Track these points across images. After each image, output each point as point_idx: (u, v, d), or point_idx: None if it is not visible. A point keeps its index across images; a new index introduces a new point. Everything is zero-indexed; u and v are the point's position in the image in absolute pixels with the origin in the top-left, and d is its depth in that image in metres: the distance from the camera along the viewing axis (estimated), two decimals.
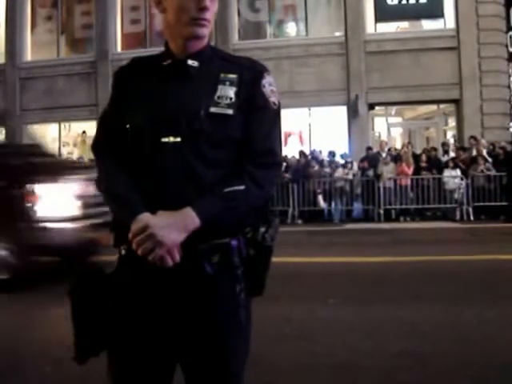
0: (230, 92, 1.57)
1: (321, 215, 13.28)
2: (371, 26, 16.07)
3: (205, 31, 1.59)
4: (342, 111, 15.86)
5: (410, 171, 13.00)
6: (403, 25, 16.67)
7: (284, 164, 12.46)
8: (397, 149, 14.50)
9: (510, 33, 16.27)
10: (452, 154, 13.74)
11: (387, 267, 6.71)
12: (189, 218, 1.46)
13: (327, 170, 13.55)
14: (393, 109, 17.34)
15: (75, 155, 16.57)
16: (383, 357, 3.64)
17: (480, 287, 5.43)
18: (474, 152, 13.28)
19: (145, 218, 1.46)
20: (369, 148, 14.25)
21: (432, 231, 11.04)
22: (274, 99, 1.63)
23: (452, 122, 16.62)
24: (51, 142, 16.35)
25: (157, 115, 1.54)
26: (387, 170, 13.07)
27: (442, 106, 16.89)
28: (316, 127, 16.15)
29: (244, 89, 1.58)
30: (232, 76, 1.59)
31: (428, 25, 16.24)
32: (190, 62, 1.59)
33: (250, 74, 1.61)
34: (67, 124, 17.78)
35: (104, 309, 1.54)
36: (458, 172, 12.81)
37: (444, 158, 13.59)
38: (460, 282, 5.67)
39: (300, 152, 14.40)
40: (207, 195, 1.50)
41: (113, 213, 1.59)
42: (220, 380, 1.57)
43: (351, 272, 6.43)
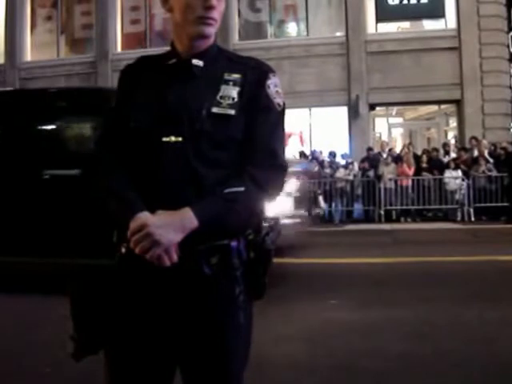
0: (233, 92, 1.55)
1: (321, 216, 13.28)
2: (372, 26, 16.08)
3: (211, 30, 1.57)
4: (343, 112, 15.86)
5: (411, 172, 13.00)
6: (404, 25, 16.68)
7: None
8: (396, 152, 14.46)
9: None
10: (453, 155, 13.74)
11: (388, 268, 6.71)
12: (187, 219, 1.44)
13: (328, 171, 13.55)
14: (394, 109, 17.35)
15: None
16: (383, 358, 3.63)
17: (480, 288, 5.41)
18: (475, 153, 13.28)
19: (143, 217, 1.45)
20: (369, 149, 14.24)
21: (433, 232, 11.04)
22: (279, 100, 1.60)
23: (453, 123, 16.62)
24: None
25: (159, 115, 1.53)
26: (388, 171, 13.08)
27: (443, 107, 16.89)
28: (316, 128, 16.14)
29: (248, 89, 1.56)
30: (236, 76, 1.57)
31: (429, 25, 16.26)
32: (195, 62, 1.57)
33: (255, 75, 1.59)
34: None
35: (103, 305, 1.53)
36: (459, 173, 12.81)
37: (445, 159, 13.58)
38: (461, 283, 5.66)
39: (300, 152, 14.39)
40: (207, 196, 1.49)
41: (112, 211, 1.57)
42: (218, 381, 1.55)
43: (352, 273, 6.42)
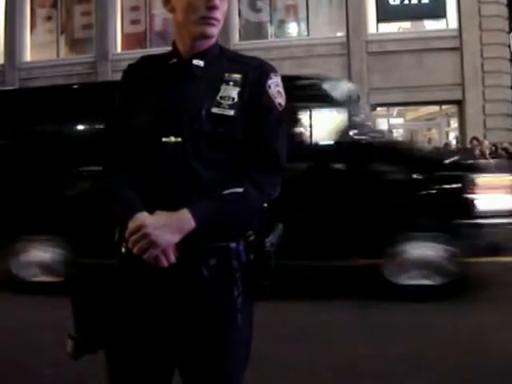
0: (233, 92, 1.54)
1: None
2: (373, 27, 16.05)
3: (214, 30, 1.57)
4: None
5: None
6: (405, 25, 16.65)
7: None
8: None
9: None
10: None
11: None
12: (184, 220, 1.44)
13: None
14: (394, 110, 17.32)
15: None
16: (383, 360, 3.62)
17: (481, 289, 5.38)
18: (477, 153, 13.26)
19: (141, 218, 1.45)
20: None
21: None
22: (280, 100, 1.59)
23: (454, 123, 16.60)
24: None
25: (159, 115, 1.53)
26: None
27: (444, 107, 16.86)
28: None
29: (248, 89, 1.55)
30: (236, 76, 1.56)
31: (430, 25, 16.22)
32: (195, 62, 1.57)
33: (256, 74, 1.58)
34: None
35: (103, 304, 1.54)
36: None
37: None
38: (461, 284, 5.64)
39: None
40: (206, 196, 1.48)
41: (112, 211, 1.57)
42: (216, 381, 1.55)
43: (352, 274, 6.39)
